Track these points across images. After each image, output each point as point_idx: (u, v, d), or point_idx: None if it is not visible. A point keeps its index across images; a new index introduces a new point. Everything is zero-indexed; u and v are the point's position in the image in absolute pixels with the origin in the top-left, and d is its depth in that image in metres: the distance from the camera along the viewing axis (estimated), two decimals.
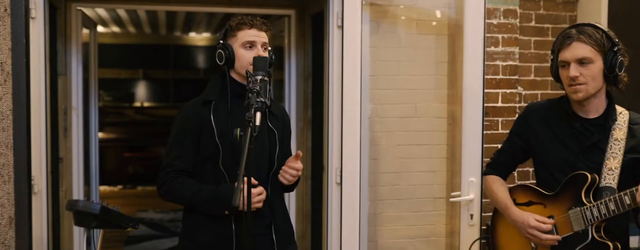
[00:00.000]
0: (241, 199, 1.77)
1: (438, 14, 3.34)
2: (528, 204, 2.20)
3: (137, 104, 10.24)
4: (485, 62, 3.27)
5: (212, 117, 2.23)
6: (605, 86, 2.07)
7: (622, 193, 1.90)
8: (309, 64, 3.91)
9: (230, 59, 2.26)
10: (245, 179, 2.10)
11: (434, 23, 3.35)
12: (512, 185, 2.32)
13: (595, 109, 2.08)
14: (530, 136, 2.23)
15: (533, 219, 2.10)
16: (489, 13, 3.29)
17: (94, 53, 4.38)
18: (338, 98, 3.09)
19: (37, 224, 2.81)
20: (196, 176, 2.25)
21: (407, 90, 3.34)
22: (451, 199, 3.02)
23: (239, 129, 1.92)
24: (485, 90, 3.27)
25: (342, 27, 3.04)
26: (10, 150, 2.14)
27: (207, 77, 10.39)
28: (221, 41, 2.30)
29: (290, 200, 4.11)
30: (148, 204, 7.76)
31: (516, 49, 3.35)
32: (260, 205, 2.21)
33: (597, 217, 1.97)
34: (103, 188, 9.35)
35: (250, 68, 2.17)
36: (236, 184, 1.74)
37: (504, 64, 3.34)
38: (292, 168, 2.21)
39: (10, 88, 2.11)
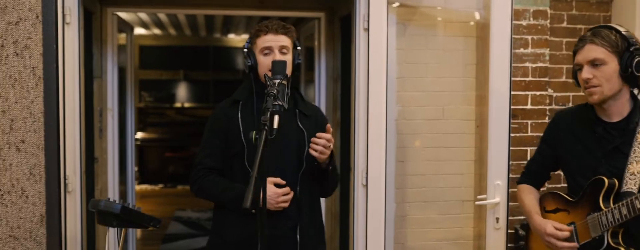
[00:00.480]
0: (260, 199, 1.82)
1: (466, 15, 3.32)
2: (555, 211, 2.17)
3: (178, 105, 10.44)
4: (514, 64, 3.24)
5: (239, 116, 2.30)
6: (627, 88, 2.02)
7: (634, 197, 1.86)
8: (338, 66, 3.93)
9: (253, 66, 2.33)
10: (267, 179, 2.17)
11: (462, 25, 3.32)
12: (543, 193, 2.29)
13: (618, 112, 2.03)
14: (558, 144, 2.19)
15: (550, 226, 2.08)
16: (518, 14, 3.25)
17: (131, 56, 4.50)
18: (364, 100, 3.10)
19: (71, 222, 2.91)
20: (225, 174, 2.33)
21: (434, 93, 3.33)
22: (477, 202, 3.00)
23: (254, 132, 1.97)
24: (514, 93, 3.24)
25: (368, 29, 3.05)
26: (42, 151, 2.23)
27: (245, 78, 10.53)
28: (245, 49, 2.38)
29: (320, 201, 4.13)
30: (186, 203, 7.91)
31: (546, 51, 3.29)
32: (285, 205, 2.24)
33: (611, 222, 1.93)
34: (144, 187, 9.58)
35: (270, 73, 2.21)
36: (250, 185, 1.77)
37: (534, 65, 3.29)
38: (321, 137, 2.20)
39: (41, 91, 2.20)
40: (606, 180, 1.95)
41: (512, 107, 3.21)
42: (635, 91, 2.05)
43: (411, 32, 3.29)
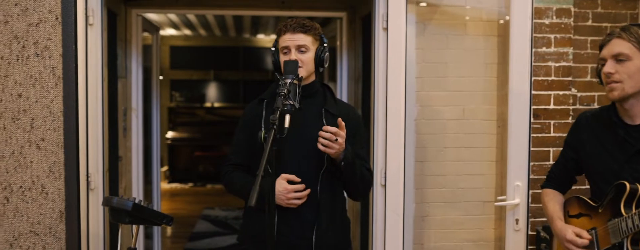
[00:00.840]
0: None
1: (487, 14, 3.28)
2: (578, 216, 2.12)
3: (208, 105, 10.56)
4: (537, 63, 3.19)
5: (263, 114, 2.32)
6: None
7: None
8: (359, 66, 3.93)
9: (277, 64, 2.35)
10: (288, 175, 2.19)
11: (483, 23, 3.29)
12: (568, 197, 2.24)
13: None
14: (580, 147, 2.13)
15: (570, 232, 2.03)
16: (540, 13, 3.19)
17: (157, 56, 4.57)
18: (383, 100, 3.09)
19: (94, 219, 2.98)
20: (252, 170, 2.35)
21: (455, 92, 3.30)
22: (496, 203, 2.96)
23: (263, 131, 1.98)
24: (537, 92, 3.19)
25: (386, 29, 3.05)
26: (61, 149, 2.29)
27: (275, 78, 10.60)
28: (273, 48, 2.39)
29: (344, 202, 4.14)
30: (215, 202, 8.00)
31: (570, 50, 3.23)
32: (297, 202, 2.24)
33: (631, 229, 1.86)
34: (174, 185, 9.72)
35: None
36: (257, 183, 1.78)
37: (557, 65, 3.23)
38: (327, 130, 2.17)
39: (61, 91, 2.26)
40: (628, 186, 1.89)
41: (534, 107, 3.18)
42: None
43: (431, 32, 3.27)
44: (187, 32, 9.72)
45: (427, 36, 3.26)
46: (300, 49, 2.29)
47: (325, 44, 2.36)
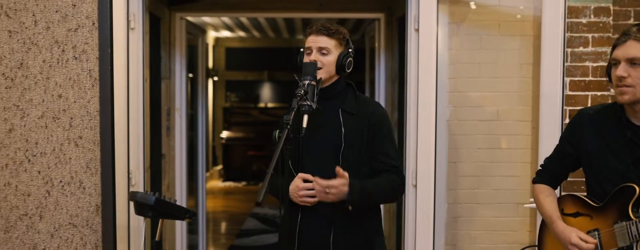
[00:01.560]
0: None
1: (522, 14, 3.24)
2: (575, 214, 2.08)
3: (262, 105, 10.76)
4: (573, 64, 3.12)
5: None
6: None
7: None
8: (396, 66, 3.94)
9: (301, 65, 2.40)
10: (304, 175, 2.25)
11: (518, 23, 3.24)
12: (562, 194, 2.21)
13: None
14: (580, 143, 2.09)
15: (575, 235, 1.98)
16: (577, 11, 3.13)
17: (202, 58, 4.73)
18: (415, 101, 3.11)
19: (134, 214, 3.13)
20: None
21: (488, 93, 3.27)
22: (525, 205, 2.92)
23: (277, 131, 2.04)
24: (573, 93, 3.12)
25: (418, 30, 3.07)
26: (98, 147, 2.43)
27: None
28: (302, 49, 2.46)
29: None
30: (266, 201, 8.14)
31: (609, 49, 3.14)
32: (309, 200, 2.28)
33: (638, 233, 1.83)
34: (228, 184, 9.96)
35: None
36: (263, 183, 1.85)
37: (595, 65, 3.15)
38: (318, 184, 2.20)
39: (97, 92, 2.40)
40: (638, 189, 1.85)
41: (571, 107, 3.11)
42: None
43: (464, 32, 3.26)
44: (242, 34, 9.94)
45: (461, 37, 3.25)
46: (322, 51, 2.33)
47: (350, 50, 2.39)
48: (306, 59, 2.35)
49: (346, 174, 2.19)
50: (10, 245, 2.44)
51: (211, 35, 9.64)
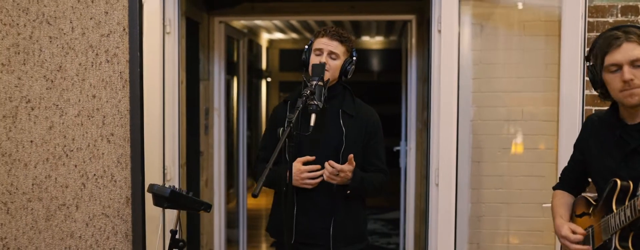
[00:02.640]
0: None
1: (547, 13, 3.24)
2: (581, 215, 2.13)
3: None
4: None
5: (287, 113, 2.53)
6: None
7: (635, 198, 1.78)
8: (426, 67, 4.00)
9: (305, 62, 2.54)
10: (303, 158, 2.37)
11: (543, 23, 3.25)
12: (577, 197, 2.25)
13: None
14: (585, 149, 2.14)
15: (566, 228, 2.05)
16: (603, 11, 3.10)
17: (243, 60, 4.92)
18: (438, 100, 3.17)
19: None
20: (279, 164, 2.56)
21: (513, 93, 3.29)
22: (544, 205, 2.93)
23: (281, 128, 2.17)
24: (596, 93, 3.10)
25: (441, 31, 3.12)
26: (128, 143, 2.62)
27: (380, 79, 10.74)
28: (307, 46, 2.59)
29: (408, 199, 4.23)
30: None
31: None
32: (310, 182, 2.41)
33: (618, 225, 1.86)
34: None
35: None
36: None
37: None
38: (332, 165, 2.36)
39: (127, 92, 2.59)
40: (619, 182, 1.89)
41: (595, 109, 3.09)
42: None
43: (488, 33, 3.29)
44: (294, 36, 10.13)
45: (485, 37, 3.29)
46: (331, 55, 2.46)
47: (354, 57, 2.53)
48: (315, 60, 2.47)
49: (354, 163, 2.33)
50: (51, 233, 2.67)
51: (265, 37, 9.87)
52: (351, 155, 2.36)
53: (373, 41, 10.57)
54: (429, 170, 3.26)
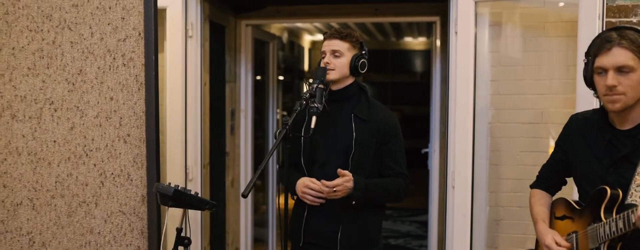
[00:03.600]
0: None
1: (568, 14, 3.17)
2: (562, 218, 2.08)
3: None
4: None
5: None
6: None
7: (630, 210, 1.72)
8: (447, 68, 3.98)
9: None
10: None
11: (564, 24, 3.18)
12: (555, 199, 2.20)
13: (632, 120, 1.88)
14: (569, 149, 2.09)
15: (550, 237, 2.00)
16: (626, 11, 3.01)
17: (273, 63, 5.00)
18: (454, 102, 3.15)
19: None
20: (298, 167, 2.61)
21: (532, 95, 3.23)
22: None
23: (278, 130, 2.22)
24: None
25: (457, 32, 3.11)
26: (143, 143, 2.73)
27: (423, 80, 10.67)
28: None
29: (432, 201, 4.20)
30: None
31: None
32: (310, 199, 2.41)
33: (608, 235, 1.80)
34: None
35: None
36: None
37: None
38: (325, 185, 2.36)
39: (143, 95, 2.70)
40: (609, 191, 1.83)
41: None
42: None
43: (507, 34, 3.24)
44: None
45: (504, 39, 3.25)
46: (335, 54, 2.48)
47: (363, 52, 2.52)
48: (322, 63, 2.50)
49: (347, 172, 2.33)
50: (72, 228, 2.81)
51: (307, 38, 9.96)
52: (340, 170, 2.35)
53: (416, 42, 10.50)
54: (447, 173, 3.25)
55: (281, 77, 6.90)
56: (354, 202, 2.39)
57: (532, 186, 2.30)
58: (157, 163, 2.76)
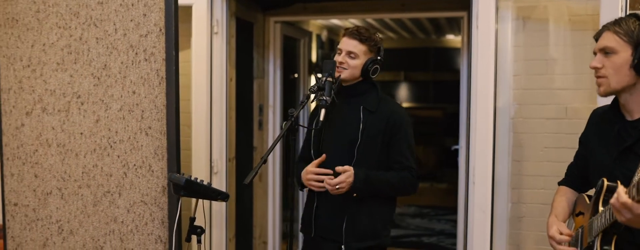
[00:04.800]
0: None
1: (593, 7, 3.09)
2: (578, 214, 2.05)
3: None
4: None
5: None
6: None
7: None
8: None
9: None
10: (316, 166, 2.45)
11: (589, 17, 3.10)
12: (579, 195, 2.16)
13: (638, 109, 1.84)
14: (587, 143, 2.08)
15: (554, 228, 2.00)
16: None
17: (304, 60, 5.04)
18: (475, 97, 3.13)
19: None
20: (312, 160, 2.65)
21: (556, 90, 3.17)
22: None
23: (285, 122, 2.26)
24: None
25: (478, 26, 3.08)
26: (164, 136, 2.81)
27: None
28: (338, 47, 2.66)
29: (460, 198, 4.15)
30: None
31: None
32: (315, 184, 2.45)
33: (599, 227, 1.78)
34: None
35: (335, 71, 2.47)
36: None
37: None
38: (327, 184, 2.42)
39: (163, 89, 2.78)
40: (605, 183, 1.80)
41: None
42: None
43: (531, 28, 3.19)
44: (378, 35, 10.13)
45: (527, 33, 3.19)
46: (350, 55, 2.50)
47: (379, 57, 2.53)
48: (337, 59, 2.53)
49: (346, 167, 2.36)
50: (97, 217, 2.92)
51: None
52: (338, 168, 2.39)
53: (457, 40, 10.36)
54: (468, 169, 3.22)
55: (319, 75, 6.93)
56: (355, 195, 2.41)
57: (559, 183, 2.29)
58: (177, 155, 2.84)
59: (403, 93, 10.96)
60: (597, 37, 1.91)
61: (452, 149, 4.42)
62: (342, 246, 2.52)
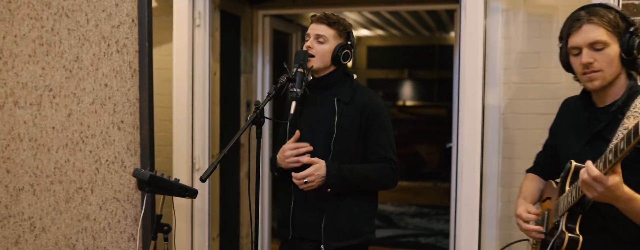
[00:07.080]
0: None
1: None
2: (544, 199, 2.05)
3: (400, 103, 10.75)
4: None
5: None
6: (624, 71, 1.81)
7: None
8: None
9: None
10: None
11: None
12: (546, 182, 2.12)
13: (612, 96, 1.82)
14: (557, 132, 2.05)
15: (522, 208, 1.98)
16: None
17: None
18: (463, 91, 3.01)
19: (199, 196, 3.41)
20: None
21: (548, 84, 3.04)
22: None
23: (250, 114, 2.15)
24: None
25: (466, 18, 2.96)
26: (137, 130, 2.72)
27: None
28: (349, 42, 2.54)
29: (452, 197, 4.03)
30: (391, 197, 8.16)
31: None
32: (292, 160, 2.34)
33: (565, 206, 1.78)
34: None
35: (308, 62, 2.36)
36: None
37: None
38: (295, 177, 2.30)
39: (136, 81, 2.69)
40: (573, 164, 1.79)
41: None
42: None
43: (521, 19, 3.06)
44: (381, 32, 10.03)
45: (517, 25, 3.07)
46: (319, 39, 2.38)
47: (349, 42, 2.41)
48: (304, 45, 2.42)
49: (316, 159, 2.25)
50: (69, 214, 2.83)
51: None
52: (310, 159, 2.30)
53: None
54: (457, 166, 3.10)
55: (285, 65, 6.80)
56: (329, 190, 2.29)
57: (527, 171, 2.27)
58: (150, 150, 2.75)
59: (407, 91, 10.83)
60: (569, 32, 1.83)
61: (446, 147, 4.29)
62: (322, 246, 2.40)
